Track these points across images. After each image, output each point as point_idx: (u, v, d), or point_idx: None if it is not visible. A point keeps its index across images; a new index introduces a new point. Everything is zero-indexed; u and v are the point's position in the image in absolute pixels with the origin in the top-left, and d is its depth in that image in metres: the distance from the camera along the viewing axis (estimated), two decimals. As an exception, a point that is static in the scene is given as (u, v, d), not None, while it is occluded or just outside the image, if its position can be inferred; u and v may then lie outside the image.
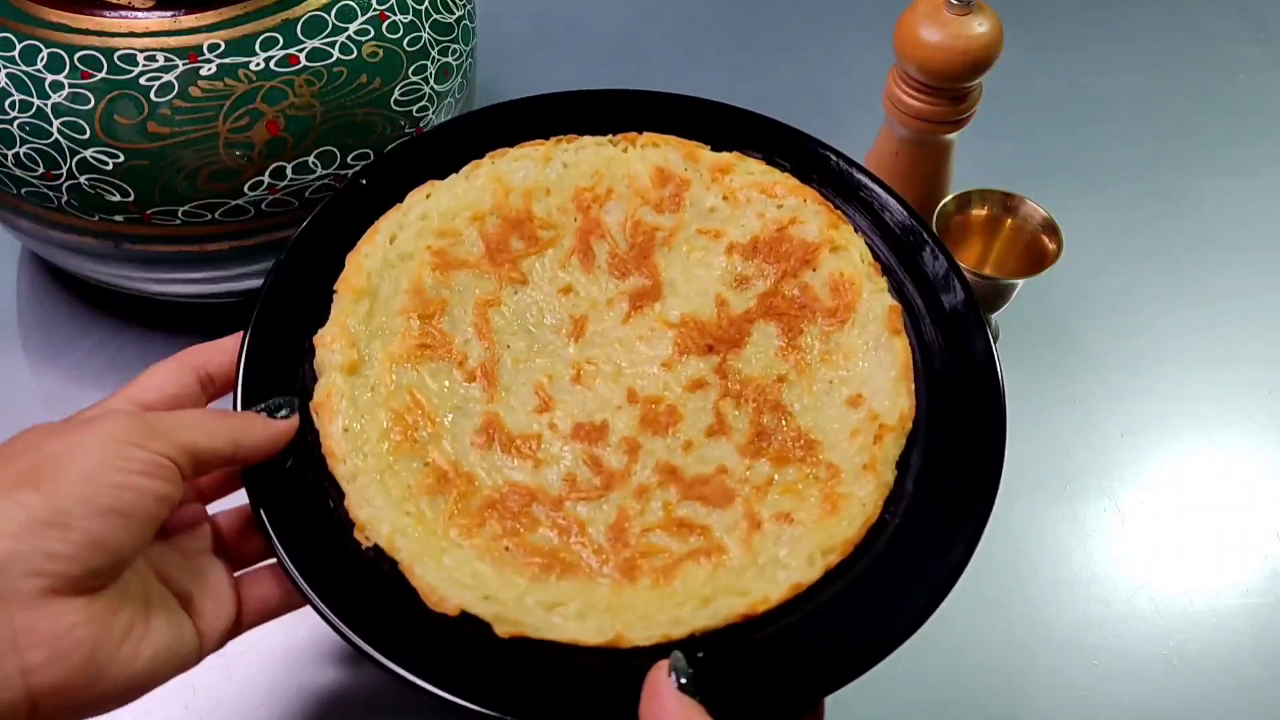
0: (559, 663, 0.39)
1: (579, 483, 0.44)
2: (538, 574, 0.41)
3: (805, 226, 0.50)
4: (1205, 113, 0.83)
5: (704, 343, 0.49)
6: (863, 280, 0.49)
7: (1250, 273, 0.72)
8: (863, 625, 0.40)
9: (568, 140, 0.53)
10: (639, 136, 0.53)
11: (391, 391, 0.45)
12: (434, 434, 0.45)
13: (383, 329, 0.47)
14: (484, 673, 0.38)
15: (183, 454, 0.36)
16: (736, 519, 0.43)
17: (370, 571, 0.40)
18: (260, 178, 0.53)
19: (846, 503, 0.43)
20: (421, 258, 0.49)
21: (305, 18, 0.53)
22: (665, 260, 0.51)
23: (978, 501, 0.42)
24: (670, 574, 0.42)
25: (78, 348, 0.64)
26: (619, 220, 0.52)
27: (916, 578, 0.41)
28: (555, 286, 0.50)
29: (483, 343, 0.48)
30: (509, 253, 0.50)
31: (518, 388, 0.47)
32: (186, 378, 0.42)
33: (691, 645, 0.39)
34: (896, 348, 0.47)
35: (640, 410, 0.47)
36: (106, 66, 0.50)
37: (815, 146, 0.53)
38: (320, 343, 0.45)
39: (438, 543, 0.41)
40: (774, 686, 0.38)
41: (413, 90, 0.57)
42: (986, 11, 0.57)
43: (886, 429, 0.44)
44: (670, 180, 0.52)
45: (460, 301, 0.49)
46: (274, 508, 0.41)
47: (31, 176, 0.52)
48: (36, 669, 0.32)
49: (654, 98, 0.55)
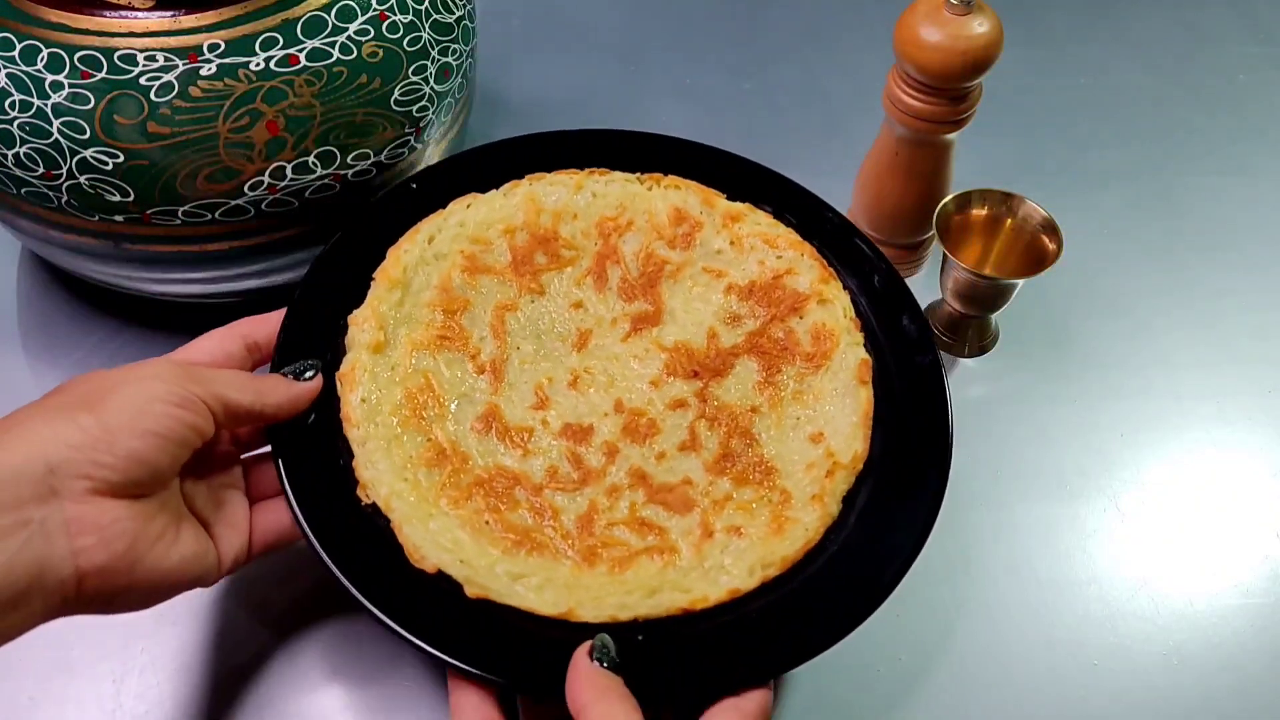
0: (516, 628, 0.44)
1: (559, 475, 0.50)
2: (510, 548, 0.46)
3: (799, 278, 0.56)
4: (1205, 113, 0.83)
5: (691, 368, 0.54)
6: (842, 333, 0.54)
7: (1250, 272, 0.72)
8: (787, 634, 0.45)
9: (600, 173, 0.59)
10: (664, 178, 0.59)
11: (409, 373, 0.51)
12: (439, 415, 0.50)
13: (410, 317, 0.53)
14: (449, 626, 0.43)
15: (214, 400, 0.43)
16: (692, 526, 0.48)
17: (365, 524, 0.46)
18: (260, 178, 0.53)
19: (791, 526, 0.48)
20: (454, 259, 0.55)
21: (305, 18, 0.53)
22: (669, 291, 0.57)
23: (910, 539, 0.47)
24: (625, 565, 0.47)
25: (78, 348, 0.64)
26: (634, 250, 0.57)
27: (843, 599, 0.46)
28: (568, 301, 0.56)
29: (496, 341, 0.53)
30: (532, 265, 0.56)
31: (520, 385, 0.52)
32: (234, 344, 0.48)
33: (633, 629, 0.44)
34: (861, 396, 0.52)
35: (624, 419, 0.52)
36: (106, 66, 0.50)
37: (824, 209, 0.59)
38: (354, 322, 0.51)
39: (427, 509, 0.47)
40: (699, 673, 0.43)
41: (413, 90, 0.57)
42: (986, 11, 0.57)
43: (839, 466, 0.50)
44: (685, 220, 0.58)
45: (482, 302, 0.54)
46: (290, 457, 0.47)
47: (31, 176, 0.52)
48: (85, 550, 0.39)
49: (684, 145, 0.61)
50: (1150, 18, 0.91)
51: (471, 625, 0.44)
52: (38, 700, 0.50)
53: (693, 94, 0.83)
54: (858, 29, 0.88)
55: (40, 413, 0.40)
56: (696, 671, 0.43)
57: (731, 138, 0.79)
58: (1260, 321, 0.69)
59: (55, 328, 0.65)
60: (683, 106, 0.81)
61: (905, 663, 0.54)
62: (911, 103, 0.59)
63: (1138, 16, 0.91)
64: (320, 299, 0.52)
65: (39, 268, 0.68)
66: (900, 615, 0.55)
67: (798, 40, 0.87)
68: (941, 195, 0.63)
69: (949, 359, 0.66)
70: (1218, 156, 0.80)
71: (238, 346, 0.49)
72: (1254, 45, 0.89)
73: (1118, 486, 0.61)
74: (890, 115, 0.61)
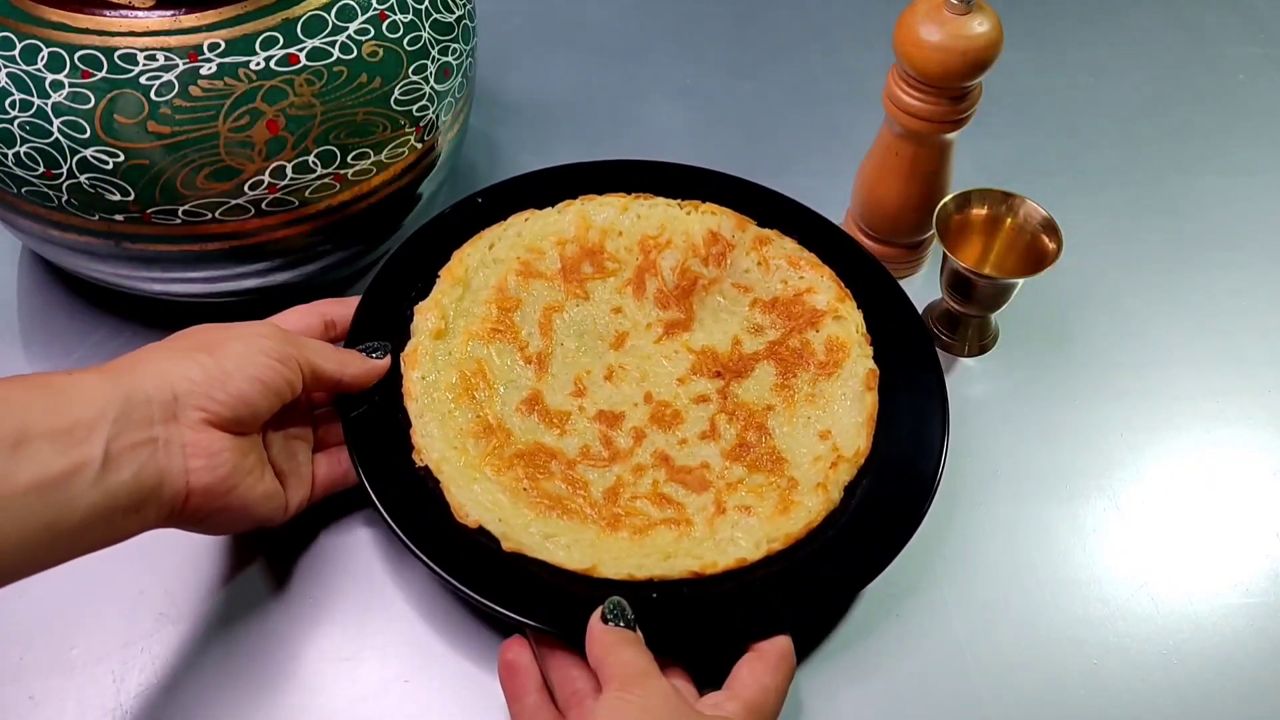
0: (545, 581, 0.50)
1: (591, 453, 0.56)
2: (543, 511, 0.53)
3: (818, 296, 0.62)
4: (1205, 113, 0.83)
5: (714, 369, 0.60)
6: (854, 346, 0.59)
7: (1250, 272, 0.72)
8: (786, 598, 0.51)
9: (645, 197, 0.66)
10: (701, 204, 0.65)
11: (464, 358, 0.58)
12: (489, 396, 0.57)
13: (468, 311, 0.60)
14: (485, 573, 0.50)
15: (306, 363, 0.50)
16: (707, 503, 0.54)
17: (416, 483, 0.53)
18: (260, 177, 0.53)
19: (796, 508, 0.53)
20: (510, 264, 0.62)
21: (305, 17, 0.53)
22: (700, 302, 0.63)
23: (898, 531, 0.52)
24: (645, 532, 0.52)
25: (78, 347, 0.64)
26: (672, 265, 0.64)
27: (836, 574, 0.52)
28: (609, 306, 0.62)
29: (543, 338, 0.60)
30: (579, 274, 0.63)
31: (562, 375, 0.59)
32: (315, 320, 0.56)
33: (648, 588, 0.50)
34: (867, 401, 0.57)
35: (652, 409, 0.58)
36: (107, 66, 0.50)
37: (843, 237, 0.65)
38: (419, 311, 0.59)
39: (472, 474, 0.53)
40: (707, 629, 0.49)
41: (413, 90, 0.57)
42: (986, 11, 0.57)
43: (843, 459, 0.55)
44: (719, 242, 0.64)
45: (532, 303, 0.61)
46: (354, 420, 0.54)
47: (32, 176, 0.52)
48: (196, 471, 0.45)
49: (723, 178, 0.67)
50: (1150, 18, 0.91)
51: (507, 575, 0.50)
52: (38, 700, 0.50)
53: (693, 94, 0.83)
54: (858, 29, 0.88)
55: (168, 351, 0.47)
56: (705, 626, 0.49)
57: (732, 137, 0.79)
58: (1260, 321, 0.69)
59: (55, 327, 0.65)
60: (683, 106, 0.81)
61: (905, 662, 0.54)
62: (911, 103, 0.59)
63: (1138, 17, 0.91)
64: (391, 289, 0.60)
65: (39, 267, 0.68)
66: (900, 614, 0.55)
67: (798, 40, 0.87)
68: (941, 195, 0.63)
69: (949, 359, 0.66)
70: (1218, 156, 0.80)
71: (318, 322, 0.56)
72: (1254, 45, 0.89)
73: (1118, 486, 0.61)
74: (890, 115, 0.61)
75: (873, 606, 0.55)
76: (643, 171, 0.67)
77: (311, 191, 0.55)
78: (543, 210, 0.64)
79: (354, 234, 0.60)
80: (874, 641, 0.54)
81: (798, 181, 0.68)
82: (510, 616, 0.48)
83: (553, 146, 0.77)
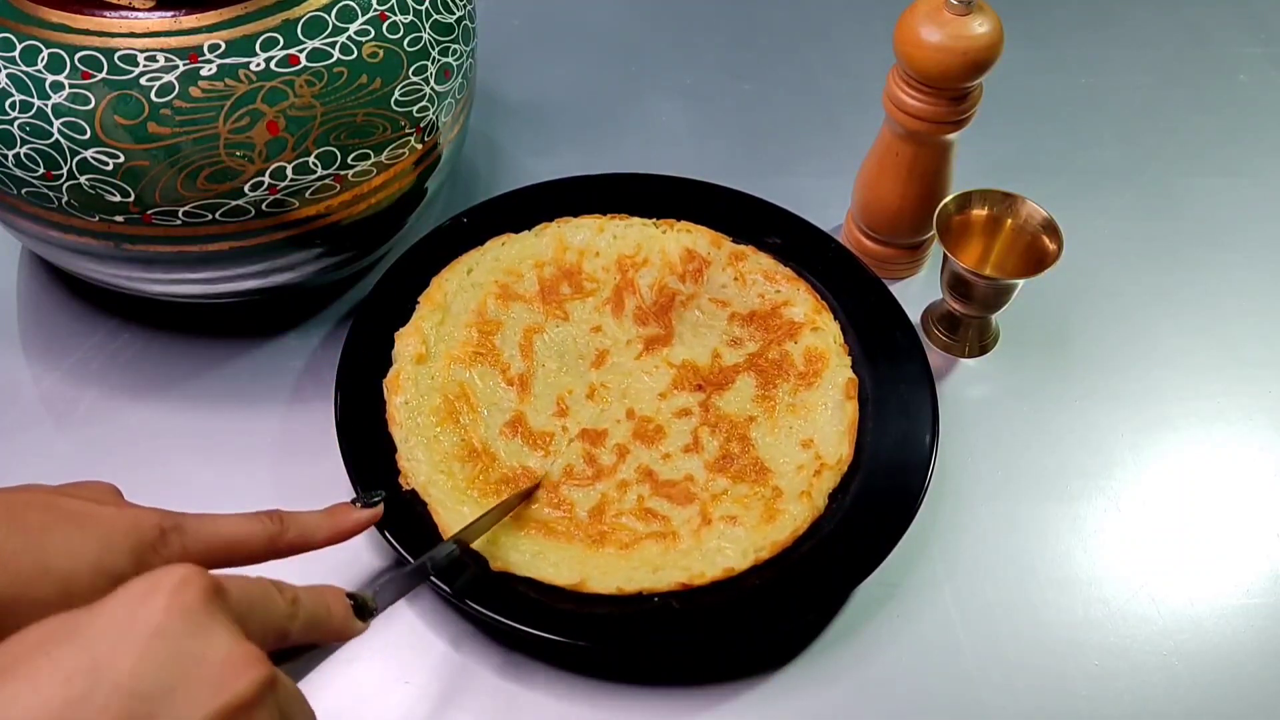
0: (532, 600, 0.51)
1: (575, 472, 0.57)
2: (530, 532, 0.53)
3: (795, 309, 0.63)
4: (1205, 113, 0.83)
5: (695, 382, 0.61)
6: (832, 356, 0.60)
7: (1250, 273, 0.72)
8: (776, 606, 0.51)
9: (621, 218, 0.66)
10: (677, 223, 0.66)
11: (446, 382, 0.58)
12: (473, 420, 0.58)
13: (449, 336, 0.60)
14: (472, 588, 0.50)
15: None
16: (692, 515, 0.55)
17: (404, 505, 0.54)
18: (260, 178, 0.53)
19: (782, 516, 0.54)
20: (489, 288, 0.63)
21: (305, 18, 0.53)
22: (679, 317, 0.64)
23: (881, 538, 0.53)
24: (632, 547, 0.53)
25: (78, 348, 0.64)
26: (649, 283, 0.64)
27: (821, 580, 0.52)
28: (589, 325, 0.63)
29: (524, 359, 0.61)
30: (558, 295, 0.64)
31: (544, 396, 0.60)
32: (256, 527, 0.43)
33: (643, 600, 0.51)
34: (847, 409, 0.58)
35: (634, 425, 0.59)
36: (107, 67, 0.50)
37: (827, 241, 0.66)
38: (400, 337, 0.59)
39: (460, 496, 0.54)
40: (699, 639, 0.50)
41: (413, 90, 0.57)
42: (987, 11, 0.57)
43: (826, 467, 0.56)
44: (695, 259, 0.65)
45: (513, 325, 0.62)
46: (350, 450, 0.55)
47: (32, 177, 0.52)
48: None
49: (697, 186, 0.68)
50: (1150, 18, 0.91)
51: (494, 593, 0.51)
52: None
53: (693, 94, 0.83)
54: (858, 29, 0.88)
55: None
56: (697, 637, 0.50)
57: (732, 138, 0.79)
58: (1260, 322, 0.69)
59: (55, 328, 0.65)
60: (683, 107, 0.81)
61: (905, 662, 0.54)
62: (911, 103, 0.59)
63: (1138, 16, 0.91)
64: (374, 316, 0.61)
65: (39, 268, 0.68)
66: (900, 615, 0.55)
67: (798, 40, 0.87)
68: (941, 195, 0.63)
69: (949, 360, 0.66)
70: (1218, 156, 0.80)
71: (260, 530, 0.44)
72: (1254, 45, 0.89)
73: (1118, 486, 0.61)
74: (890, 115, 0.61)
75: (873, 607, 0.55)
76: (618, 184, 0.68)
77: (312, 193, 0.55)
78: (519, 234, 0.65)
79: (354, 235, 0.60)
80: (874, 643, 0.54)
81: (797, 182, 0.68)
82: (507, 624, 0.49)
83: (553, 147, 0.77)
